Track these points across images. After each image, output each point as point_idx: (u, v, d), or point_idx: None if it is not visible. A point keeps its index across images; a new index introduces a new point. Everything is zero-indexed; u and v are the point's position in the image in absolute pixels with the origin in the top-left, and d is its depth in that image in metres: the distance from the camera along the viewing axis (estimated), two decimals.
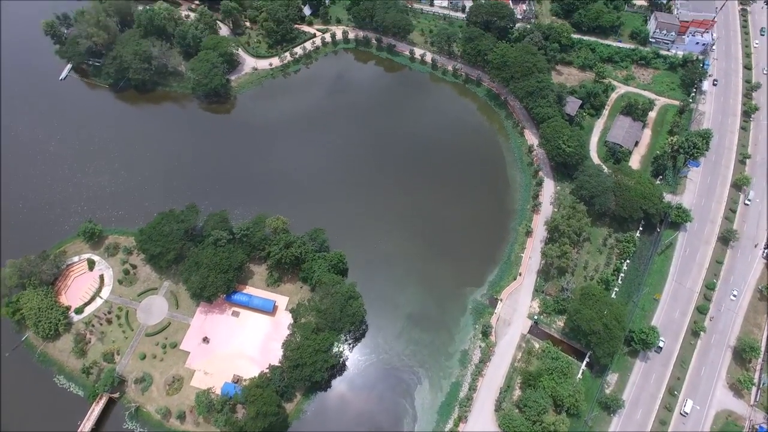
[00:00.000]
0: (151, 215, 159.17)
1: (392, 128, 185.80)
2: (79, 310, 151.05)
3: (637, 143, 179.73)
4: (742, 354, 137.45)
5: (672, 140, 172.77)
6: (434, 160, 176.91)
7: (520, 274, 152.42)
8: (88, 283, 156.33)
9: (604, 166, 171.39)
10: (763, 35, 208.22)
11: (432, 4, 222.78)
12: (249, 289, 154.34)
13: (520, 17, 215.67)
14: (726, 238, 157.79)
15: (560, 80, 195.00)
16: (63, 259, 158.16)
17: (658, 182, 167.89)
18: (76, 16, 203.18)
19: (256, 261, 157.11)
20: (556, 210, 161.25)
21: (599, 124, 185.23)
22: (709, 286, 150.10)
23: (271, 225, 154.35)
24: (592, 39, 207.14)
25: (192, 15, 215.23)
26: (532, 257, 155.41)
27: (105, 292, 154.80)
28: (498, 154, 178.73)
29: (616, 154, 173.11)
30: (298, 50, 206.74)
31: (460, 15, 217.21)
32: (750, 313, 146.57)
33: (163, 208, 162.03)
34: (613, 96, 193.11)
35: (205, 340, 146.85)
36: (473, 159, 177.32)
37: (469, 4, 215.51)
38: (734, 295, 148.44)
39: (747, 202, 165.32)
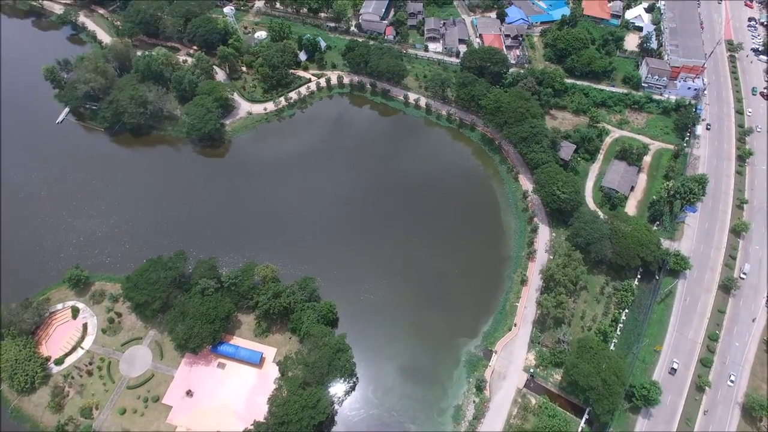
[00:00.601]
0: (140, 261, 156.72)
1: (386, 173, 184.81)
2: (59, 361, 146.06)
3: (632, 188, 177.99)
4: (752, 412, 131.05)
5: (668, 185, 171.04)
6: (428, 206, 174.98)
7: (515, 325, 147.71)
8: (70, 332, 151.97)
9: (600, 212, 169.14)
10: (755, 95, 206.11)
11: (426, 50, 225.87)
12: (236, 340, 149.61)
13: (514, 62, 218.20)
14: (727, 287, 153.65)
15: (554, 125, 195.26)
16: (46, 307, 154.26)
17: (655, 228, 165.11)
18: (77, 61, 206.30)
19: (245, 310, 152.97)
20: (551, 257, 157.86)
21: (594, 169, 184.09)
22: (712, 337, 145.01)
23: (260, 273, 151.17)
24: (586, 84, 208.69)
25: (189, 60, 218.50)
26: (527, 307, 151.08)
27: (87, 342, 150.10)
28: (492, 200, 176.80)
29: (611, 200, 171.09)
30: (293, 95, 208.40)
31: (454, 60, 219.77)
32: (757, 366, 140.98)
33: (153, 253, 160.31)
34: (608, 140, 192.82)
35: (189, 393, 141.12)
36: (468, 204, 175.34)
37: (463, 50, 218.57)
38: (738, 346, 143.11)
39: (743, 275, 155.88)
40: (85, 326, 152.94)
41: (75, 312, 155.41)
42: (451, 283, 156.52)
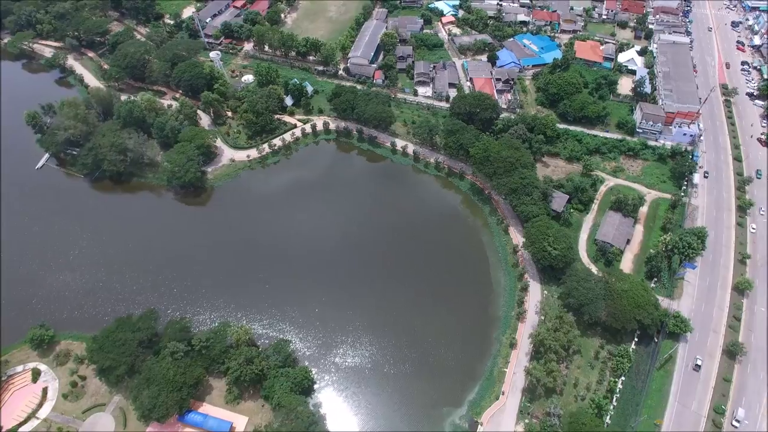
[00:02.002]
0: (114, 316, 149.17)
1: (371, 224, 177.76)
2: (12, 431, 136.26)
3: (628, 241, 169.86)
4: None
5: (665, 239, 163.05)
6: (414, 259, 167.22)
7: (503, 393, 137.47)
8: (28, 397, 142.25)
9: (594, 267, 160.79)
10: (759, 178, 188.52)
11: (416, 94, 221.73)
12: (206, 407, 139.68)
13: (505, 107, 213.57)
14: (732, 352, 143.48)
15: (546, 172, 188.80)
16: (4, 369, 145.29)
17: (653, 285, 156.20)
18: (59, 107, 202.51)
19: (216, 374, 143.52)
20: (542, 318, 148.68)
21: (588, 220, 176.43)
22: (718, 410, 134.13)
23: (234, 335, 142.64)
24: (579, 129, 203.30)
25: (174, 105, 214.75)
26: (516, 373, 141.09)
27: (46, 409, 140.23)
28: (481, 254, 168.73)
29: (606, 255, 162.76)
30: (277, 141, 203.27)
31: (444, 105, 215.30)
32: None
33: (127, 309, 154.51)
34: (602, 189, 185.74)
35: None
36: (455, 258, 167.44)
37: (453, 94, 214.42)
38: (745, 422, 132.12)
39: (738, 421, 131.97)
40: (45, 391, 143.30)
41: (36, 375, 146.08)
42: (436, 345, 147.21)
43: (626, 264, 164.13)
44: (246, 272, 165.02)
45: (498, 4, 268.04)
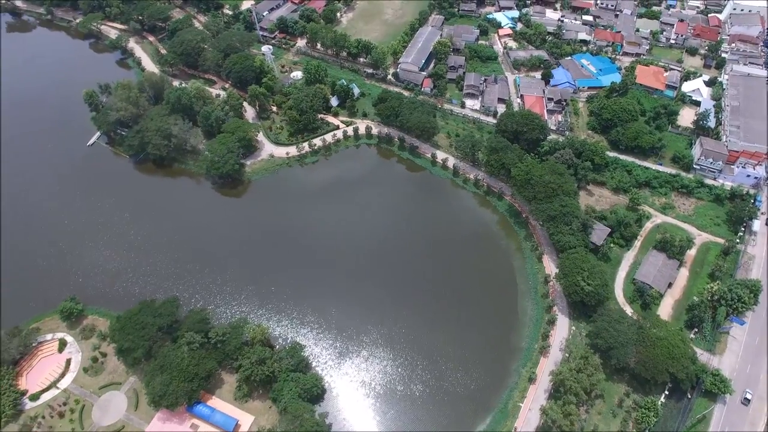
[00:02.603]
0: (138, 299, 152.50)
1: (401, 235, 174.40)
2: (34, 397, 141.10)
3: (670, 284, 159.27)
4: None
5: (712, 287, 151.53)
6: (440, 276, 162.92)
7: (515, 429, 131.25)
8: (52, 366, 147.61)
9: (629, 309, 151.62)
10: None
11: (463, 106, 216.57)
12: (215, 400, 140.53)
13: (554, 128, 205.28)
14: None
15: (590, 201, 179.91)
16: (35, 336, 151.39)
17: (692, 336, 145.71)
18: (115, 87, 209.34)
19: (229, 369, 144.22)
20: (567, 356, 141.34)
21: (629, 257, 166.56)
22: None
23: (250, 333, 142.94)
24: (630, 159, 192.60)
25: (223, 95, 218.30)
26: (531, 410, 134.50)
27: (67, 380, 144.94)
28: (511, 279, 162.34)
29: (644, 297, 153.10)
30: (318, 141, 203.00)
31: (491, 120, 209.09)
32: None
33: (152, 292, 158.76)
34: (648, 226, 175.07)
35: None
36: (483, 280, 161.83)
37: (501, 110, 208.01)
38: None
39: None
40: (68, 362, 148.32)
41: (62, 345, 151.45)
42: (452, 368, 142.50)
43: (665, 309, 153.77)
44: (272, 270, 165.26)
45: (559, 19, 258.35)
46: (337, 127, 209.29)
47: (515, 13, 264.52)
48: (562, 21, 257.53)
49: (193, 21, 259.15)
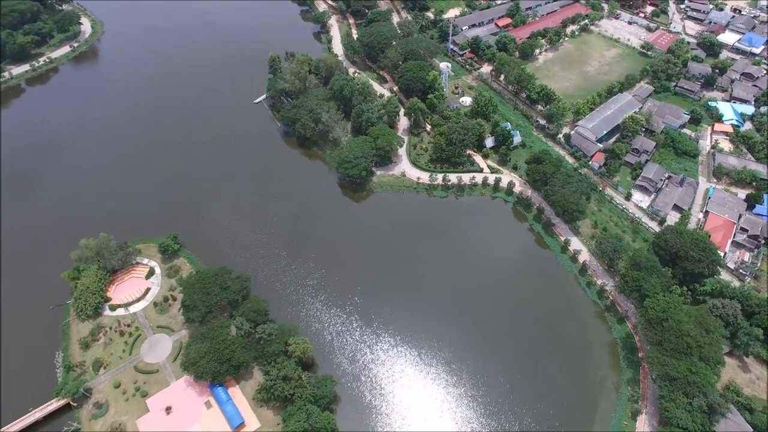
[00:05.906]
0: (226, 263, 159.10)
1: (500, 321, 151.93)
2: (113, 307, 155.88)
3: None
4: None
5: None
6: (525, 390, 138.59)
7: None
8: (136, 288, 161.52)
9: None
10: None
11: (628, 198, 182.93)
12: (236, 390, 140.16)
13: (732, 267, 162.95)
14: None
15: (738, 379, 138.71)
16: (135, 256, 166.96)
17: None
18: (295, 60, 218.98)
19: (261, 368, 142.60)
20: None
21: None
22: None
23: (292, 344, 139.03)
24: None
25: (386, 96, 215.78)
26: None
27: (139, 306, 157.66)
28: (587, 421, 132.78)
29: None
30: (453, 178, 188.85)
31: (654, 227, 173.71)
32: None
33: (242, 265, 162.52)
34: None
35: (168, 410, 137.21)
36: (568, 417, 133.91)
37: (673, 219, 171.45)
38: None
39: None
40: (147, 290, 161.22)
41: (150, 273, 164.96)
42: None
43: None
44: (353, 287, 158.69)
45: None
46: (481, 170, 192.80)
47: (749, 109, 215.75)
48: None
49: (392, 15, 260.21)
